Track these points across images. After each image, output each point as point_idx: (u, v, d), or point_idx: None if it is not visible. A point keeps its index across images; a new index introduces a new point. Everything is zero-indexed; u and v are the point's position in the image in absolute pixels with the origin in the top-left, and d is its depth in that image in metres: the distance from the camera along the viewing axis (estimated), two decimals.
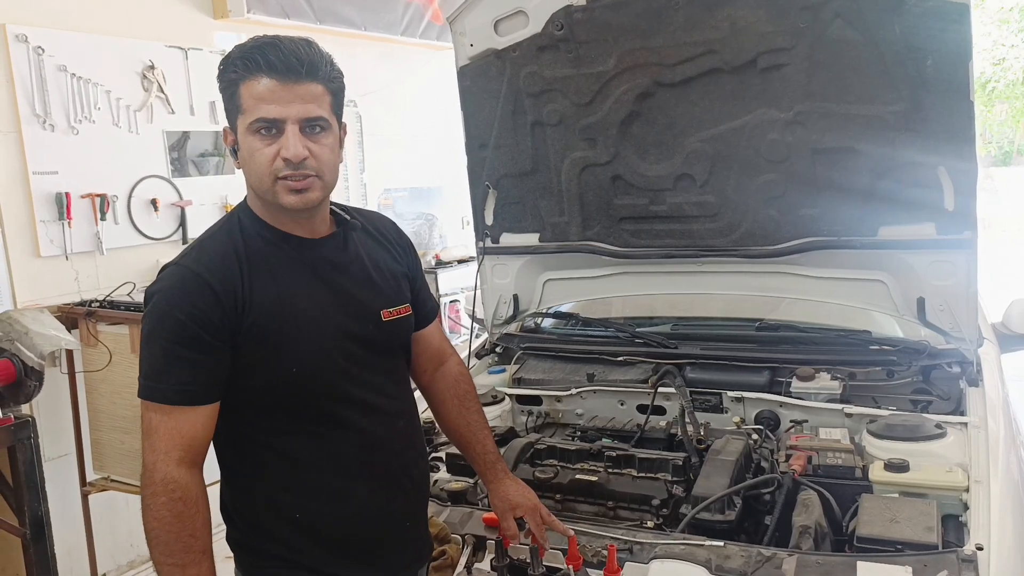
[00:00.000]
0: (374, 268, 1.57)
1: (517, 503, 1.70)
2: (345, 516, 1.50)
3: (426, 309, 1.73)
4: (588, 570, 1.61)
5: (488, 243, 2.89)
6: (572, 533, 1.66)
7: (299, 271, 1.47)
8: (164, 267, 1.44)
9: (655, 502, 1.86)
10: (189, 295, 1.37)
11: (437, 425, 1.88)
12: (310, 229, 1.50)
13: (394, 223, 1.73)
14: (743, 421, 2.29)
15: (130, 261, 3.80)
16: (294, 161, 1.37)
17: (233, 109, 1.41)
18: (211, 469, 1.46)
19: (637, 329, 2.74)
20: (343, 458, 1.49)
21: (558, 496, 1.95)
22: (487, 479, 1.76)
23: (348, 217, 1.57)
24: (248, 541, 1.52)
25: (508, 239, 2.86)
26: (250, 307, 1.40)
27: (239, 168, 1.46)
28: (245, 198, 1.52)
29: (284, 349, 1.41)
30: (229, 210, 4.17)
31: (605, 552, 1.61)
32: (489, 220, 2.86)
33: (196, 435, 1.38)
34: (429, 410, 1.84)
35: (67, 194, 3.51)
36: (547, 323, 3.02)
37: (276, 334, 1.41)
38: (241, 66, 1.38)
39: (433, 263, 5.36)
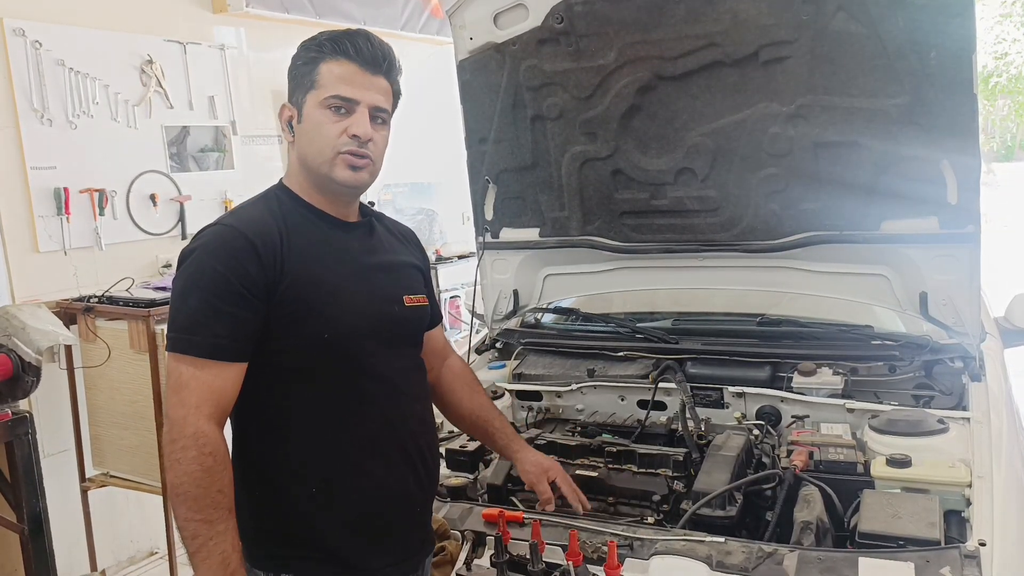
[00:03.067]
0: (395, 258, 1.66)
1: (549, 466, 1.78)
2: (361, 492, 1.51)
3: (432, 313, 1.79)
4: (588, 566, 1.60)
5: (488, 238, 2.88)
6: (590, 507, 1.74)
7: (332, 247, 1.53)
8: (201, 230, 1.49)
9: (656, 498, 1.85)
10: (230, 249, 1.41)
11: (445, 417, 1.91)
12: (343, 214, 1.58)
13: (412, 231, 1.82)
14: (744, 417, 2.28)
15: (129, 256, 3.80)
16: (362, 138, 1.47)
17: (305, 84, 1.49)
18: None
19: (638, 324, 2.73)
20: (363, 433, 1.51)
21: (558, 492, 1.94)
22: (512, 451, 1.82)
23: (372, 210, 1.68)
24: (261, 528, 1.52)
25: (508, 234, 2.85)
26: (289, 267, 1.44)
27: (291, 142, 1.55)
28: (281, 179, 1.59)
29: (318, 314, 1.46)
30: (228, 205, 4.20)
31: (605, 548, 1.60)
32: (489, 215, 2.84)
33: (225, 392, 1.40)
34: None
35: (65, 189, 3.51)
36: (547, 318, 3.01)
37: (311, 298, 1.45)
38: (329, 47, 1.48)
39: (433, 259, 5.35)
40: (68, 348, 3.41)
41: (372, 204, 1.71)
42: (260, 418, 1.50)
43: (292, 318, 1.44)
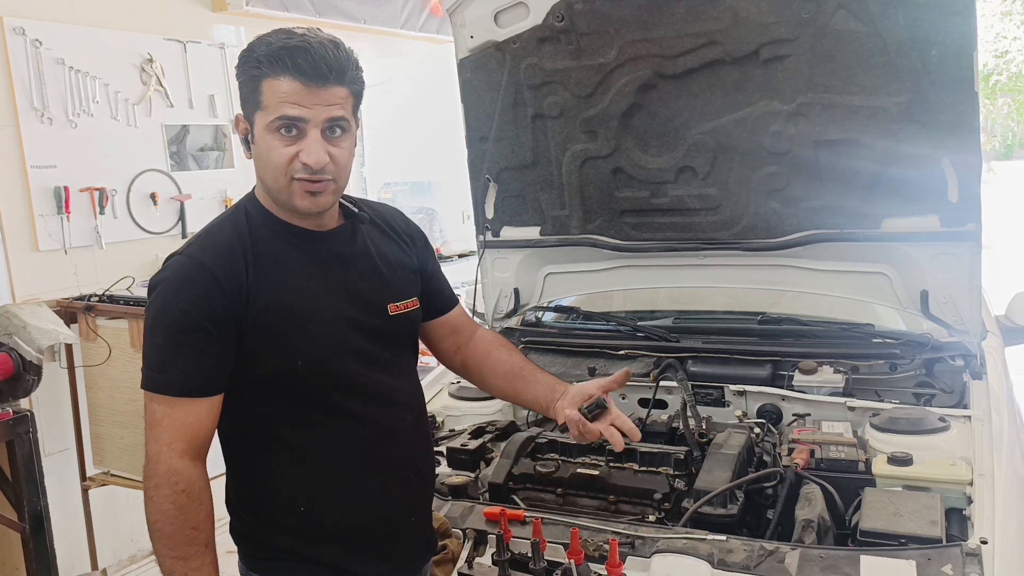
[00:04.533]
0: (382, 261, 1.56)
1: (591, 392, 1.58)
2: (351, 507, 1.49)
3: (444, 296, 1.72)
4: (590, 564, 1.60)
5: (489, 237, 2.88)
6: (640, 435, 1.61)
7: (305, 264, 1.46)
8: (168, 257, 1.44)
9: (657, 496, 1.85)
10: (193, 285, 1.36)
11: (475, 384, 1.81)
12: (318, 223, 1.49)
13: (403, 214, 1.71)
14: (745, 415, 2.28)
15: (129, 255, 3.80)
16: (315, 168, 1.36)
17: (252, 103, 1.38)
18: (215, 463, 1.45)
19: (639, 323, 2.73)
20: (351, 449, 1.49)
21: (559, 490, 1.94)
22: (551, 400, 1.63)
23: (356, 210, 1.56)
24: (253, 532, 1.51)
25: (509, 232, 2.84)
26: (255, 298, 1.39)
27: (250, 159, 1.45)
28: (253, 189, 1.51)
29: (290, 340, 1.41)
30: (229, 204, 4.20)
31: (607, 546, 1.60)
32: (490, 213, 2.84)
33: (200, 427, 1.37)
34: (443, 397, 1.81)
35: (66, 188, 3.51)
36: (548, 317, 3.01)
37: (282, 325, 1.40)
38: (267, 63, 1.34)
39: None
40: (69, 347, 3.41)
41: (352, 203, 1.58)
42: (245, 438, 1.48)
43: (264, 346, 1.40)
